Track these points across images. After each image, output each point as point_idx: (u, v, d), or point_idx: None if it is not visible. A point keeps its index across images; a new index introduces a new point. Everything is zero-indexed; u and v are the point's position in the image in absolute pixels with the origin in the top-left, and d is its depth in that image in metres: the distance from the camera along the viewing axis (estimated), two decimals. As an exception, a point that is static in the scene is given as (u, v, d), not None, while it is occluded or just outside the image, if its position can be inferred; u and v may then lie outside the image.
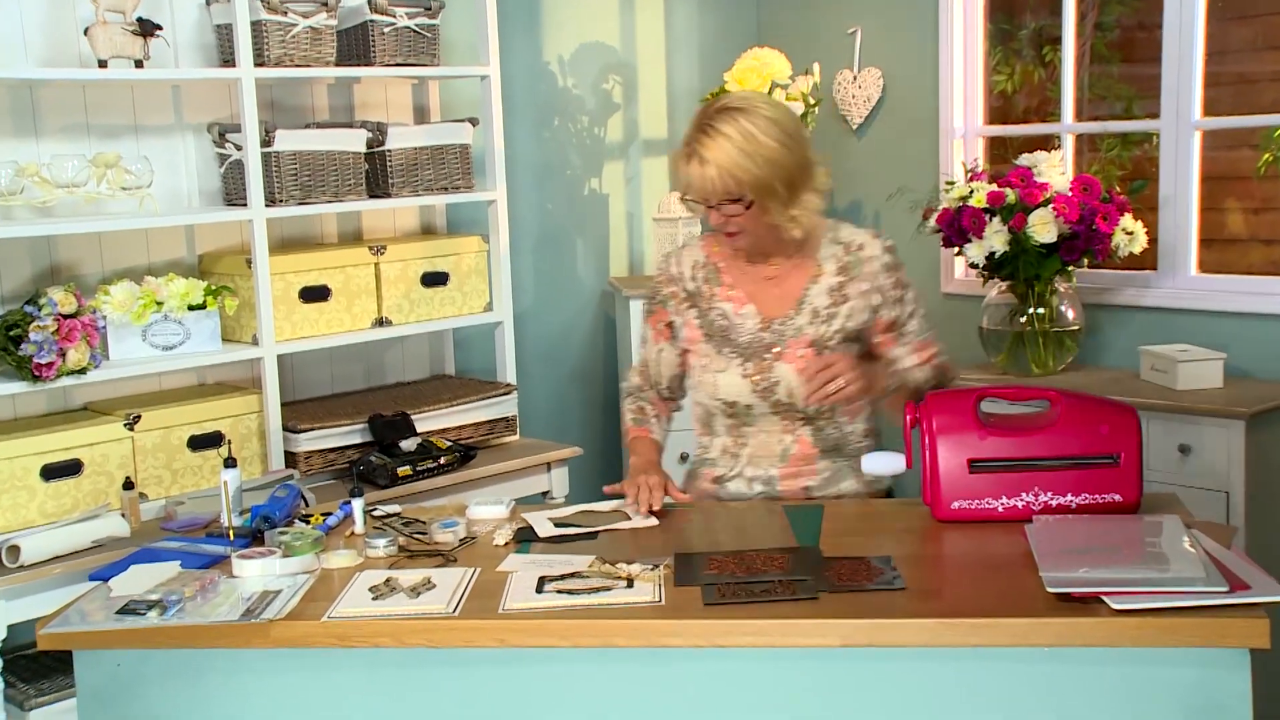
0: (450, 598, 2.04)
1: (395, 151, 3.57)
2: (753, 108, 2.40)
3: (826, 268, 2.54)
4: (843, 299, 2.52)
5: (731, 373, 2.52)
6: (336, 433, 3.40)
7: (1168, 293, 3.92)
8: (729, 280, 2.57)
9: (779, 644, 1.91)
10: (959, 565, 2.17)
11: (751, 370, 2.51)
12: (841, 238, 2.57)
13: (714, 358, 2.55)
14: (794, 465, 2.55)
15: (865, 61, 4.57)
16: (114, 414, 3.17)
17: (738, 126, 2.36)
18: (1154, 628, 1.82)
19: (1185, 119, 3.84)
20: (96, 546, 2.88)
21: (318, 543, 2.27)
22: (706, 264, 2.60)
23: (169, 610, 2.04)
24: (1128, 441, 2.26)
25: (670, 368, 2.67)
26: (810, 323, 2.51)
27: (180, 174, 3.44)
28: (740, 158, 2.36)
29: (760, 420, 2.55)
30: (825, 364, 2.40)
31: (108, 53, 3.10)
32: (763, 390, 2.51)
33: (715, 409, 2.58)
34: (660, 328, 2.65)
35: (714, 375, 2.54)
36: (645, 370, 2.71)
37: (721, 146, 2.36)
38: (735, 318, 2.55)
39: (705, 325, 2.58)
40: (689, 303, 2.60)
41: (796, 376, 2.47)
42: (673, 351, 2.65)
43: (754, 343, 2.53)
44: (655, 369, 2.69)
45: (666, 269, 2.65)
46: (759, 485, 2.56)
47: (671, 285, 2.63)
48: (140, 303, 3.14)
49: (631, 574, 2.10)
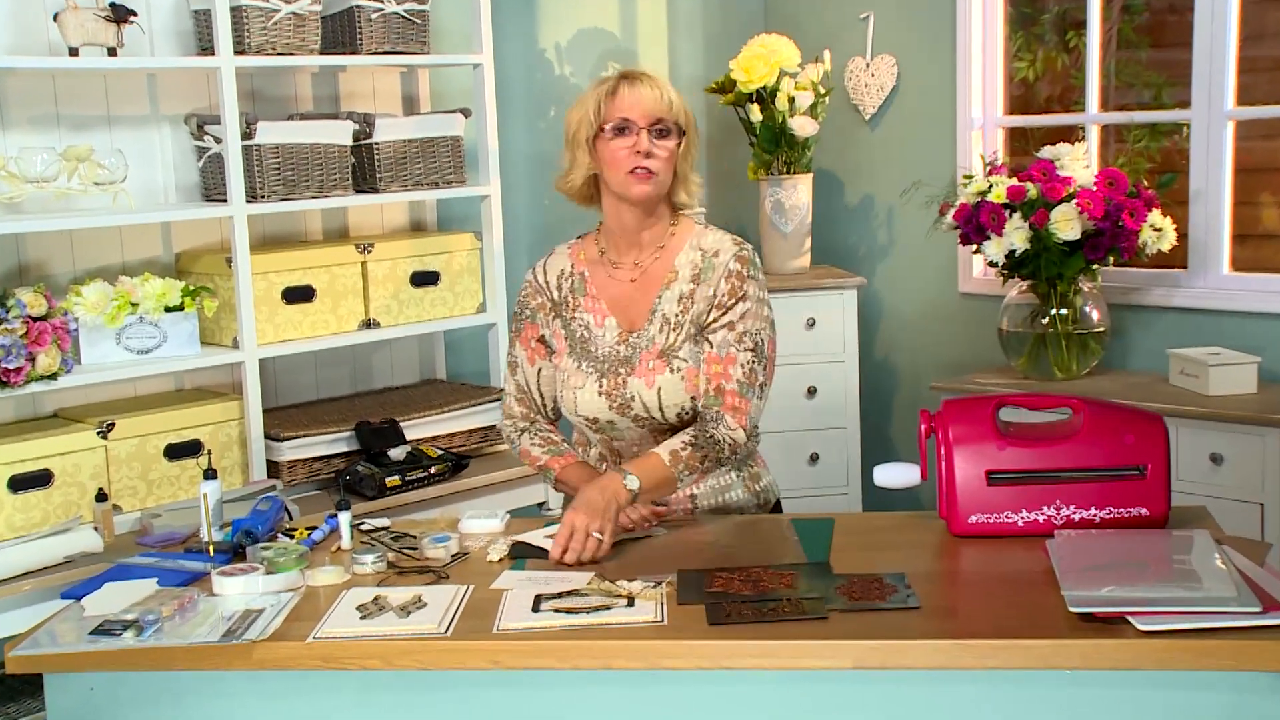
0: (442, 617, 2.05)
1: (383, 144, 3.57)
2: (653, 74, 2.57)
3: (681, 273, 2.56)
4: (690, 304, 2.54)
5: (588, 389, 2.55)
6: (321, 441, 3.41)
7: (1198, 292, 3.92)
8: (593, 291, 2.60)
9: (787, 666, 1.92)
10: (977, 583, 2.18)
11: (607, 386, 2.54)
12: (704, 244, 2.58)
13: (573, 373, 2.57)
14: None
15: (878, 48, 4.57)
16: (86, 421, 3.17)
17: (649, 76, 2.53)
18: (1183, 650, 1.83)
19: (1218, 108, 3.85)
20: (68, 562, 2.88)
21: (302, 559, 2.27)
22: (573, 273, 2.63)
23: (145, 631, 2.04)
24: (1154, 452, 2.27)
25: (554, 386, 2.66)
26: (660, 331, 2.54)
27: (156, 168, 3.44)
28: (669, 87, 2.52)
29: (627, 434, 2.58)
30: (570, 531, 2.30)
31: (79, 40, 3.10)
32: (619, 406, 2.54)
33: (579, 424, 2.62)
34: (533, 345, 2.65)
35: (573, 391, 2.57)
36: (525, 397, 2.67)
37: (657, 77, 2.52)
38: (596, 330, 2.58)
39: (569, 337, 2.60)
40: (555, 313, 2.62)
41: (648, 390, 2.51)
42: (551, 368, 2.65)
43: (610, 357, 2.56)
44: (537, 393, 2.67)
45: (532, 279, 2.66)
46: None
47: (538, 296, 2.64)
48: (114, 304, 3.15)
49: (632, 592, 2.11)
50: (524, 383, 2.67)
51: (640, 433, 2.57)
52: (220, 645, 2.00)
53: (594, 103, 2.49)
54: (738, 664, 1.92)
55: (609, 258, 2.61)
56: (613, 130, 2.48)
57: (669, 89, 2.51)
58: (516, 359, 2.67)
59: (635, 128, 2.47)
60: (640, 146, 2.47)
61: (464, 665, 1.97)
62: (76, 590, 2.31)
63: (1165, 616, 1.86)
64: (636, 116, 2.47)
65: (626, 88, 2.48)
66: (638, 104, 2.47)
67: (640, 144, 2.47)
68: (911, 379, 4.61)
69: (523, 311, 2.66)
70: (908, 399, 4.61)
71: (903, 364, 4.66)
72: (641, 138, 2.47)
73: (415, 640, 1.98)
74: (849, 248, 4.72)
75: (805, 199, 4.36)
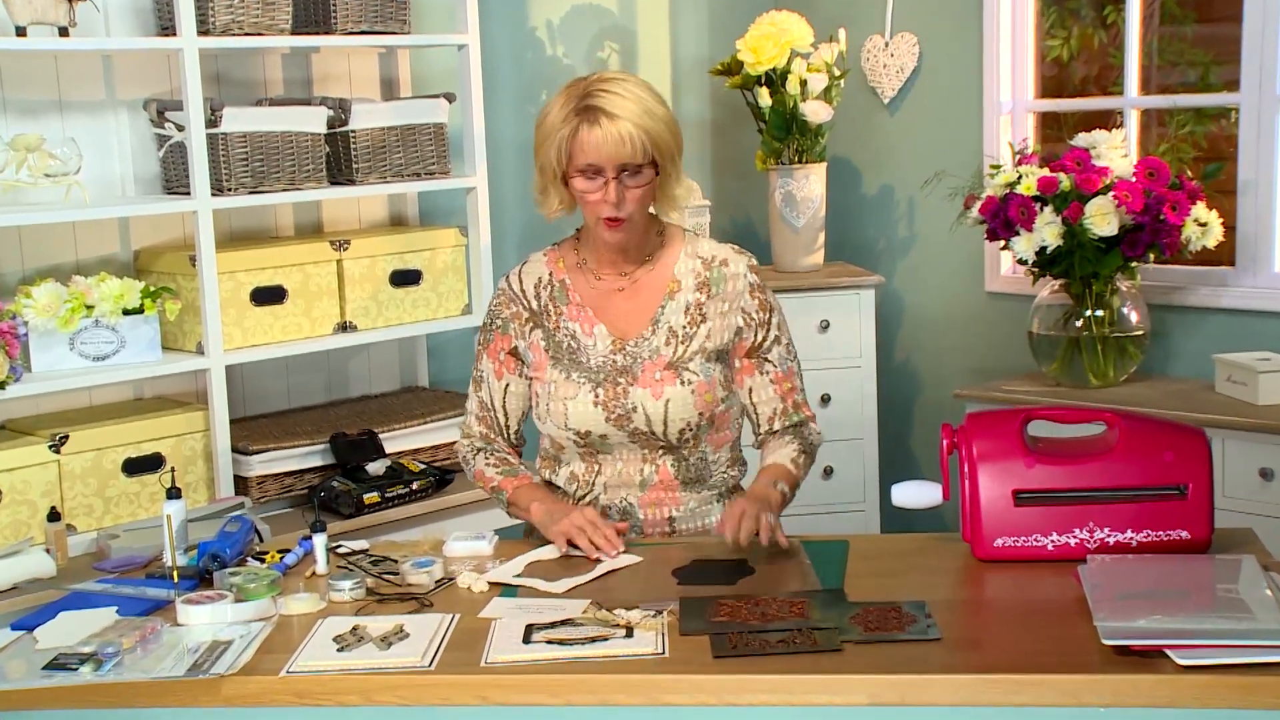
0: (425, 649, 2.07)
1: (360, 132, 3.60)
2: (626, 77, 2.55)
3: (684, 283, 2.61)
4: (701, 318, 2.61)
5: (582, 399, 2.58)
6: (293, 454, 3.43)
7: (1247, 292, 3.94)
8: (577, 299, 2.64)
9: (798, 702, 1.93)
10: (1002, 612, 2.20)
11: (605, 396, 2.57)
12: (701, 251, 2.65)
13: (561, 383, 2.60)
14: (654, 493, 2.63)
15: (898, 26, 4.59)
16: (37, 434, 3.19)
17: (626, 89, 2.50)
18: (1226, 687, 1.85)
19: (1269, 91, 3.87)
20: (16, 589, 2.90)
21: (274, 585, 2.30)
22: (552, 281, 2.67)
23: (105, 664, 2.06)
24: (1196, 470, 2.29)
25: (522, 403, 2.70)
26: (667, 343, 2.59)
27: (113, 158, 3.47)
28: (643, 114, 2.49)
29: (617, 449, 2.62)
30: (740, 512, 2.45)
31: (27, 18, 3.11)
32: (618, 418, 2.57)
33: (565, 439, 2.63)
34: (502, 359, 2.68)
35: (563, 403, 2.60)
36: (488, 416, 2.72)
37: (622, 103, 2.48)
38: (585, 339, 2.62)
39: (552, 347, 2.63)
40: (533, 323, 2.66)
41: (654, 402, 2.55)
42: (521, 384, 2.69)
43: (605, 366, 2.59)
44: (501, 412, 2.71)
45: (506, 288, 2.70)
46: (615, 515, 2.63)
47: (512, 305, 2.68)
48: (67, 306, 3.17)
49: (631, 621, 2.13)
50: (487, 399, 2.71)
51: (632, 450, 2.61)
52: (186, 680, 2.02)
53: (557, 143, 2.50)
54: (744, 700, 1.94)
55: (590, 267, 2.66)
56: (579, 173, 2.51)
57: (633, 122, 2.46)
58: (482, 374, 2.71)
59: (603, 174, 2.49)
60: (608, 197, 2.50)
61: (449, 701, 1.99)
62: (27, 620, 2.32)
63: (1207, 650, 1.88)
64: (601, 161, 2.48)
65: (586, 129, 2.47)
66: (600, 148, 2.47)
67: (608, 194, 2.50)
68: (934, 386, 4.64)
69: (493, 322, 2.70)
70: (930, 408, 4.63)
71: (924, 370, 4.69)
72: (610, 188, 2.49)
73: (397, 674, 2.00)
74: (866, 243, 4.75)
75: (819, 190, 4.38)
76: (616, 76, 2.54)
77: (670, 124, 2.54)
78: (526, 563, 2.47)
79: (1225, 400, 3.68)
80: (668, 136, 2.52)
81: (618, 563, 2.43)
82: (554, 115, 2.51)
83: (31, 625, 2.27)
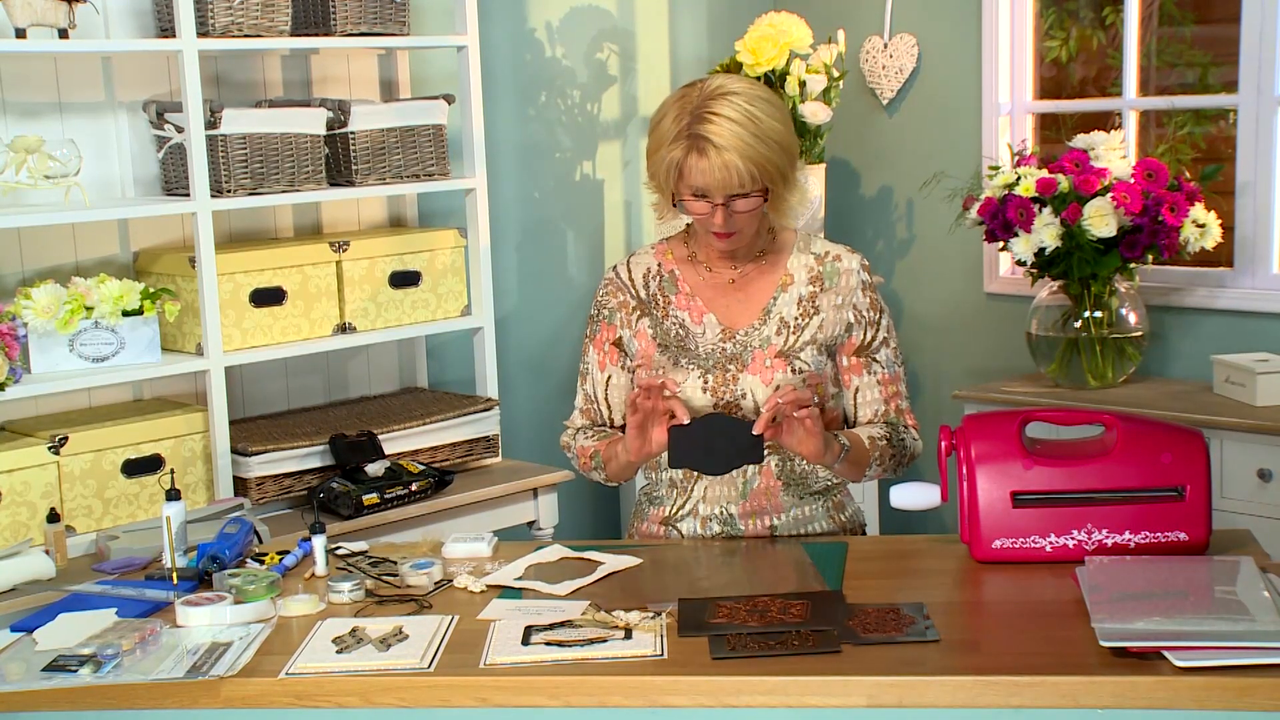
0: (425, 650, 2.08)
1: (359, 134, 3.60)
2: (742, 88, 2.47)
3: (797, 276, 2.61)
4: (814, 310, 2.59)
5: (691, 385, 2.56)
6: (293, 456, 3.43)
7: (1245, 294, 3.95)
8: (687, 289, 2.63)
9: (796, 704, 1.94)
10: (1001, 614, 2.20)
11: (714, 382, 2.56)
12: (814, 248, 2.64)
13: (669, 369, 2.59)
14: (756, 500, 2.59)
15: (897, 27, 4.60)
16: (37, 435, 3.20)
17: (737, 108, 2.44)
18: (1224, 690, 1.85)
19: (1268, 92, 3.88)
20: (15, 591, 2.90)
21: (274, 586, 2.30)
22: (661, 271, 2.66)
23: (104, 666, 2.06)
24: (1194, 471, 2.29)
25: (624, 396, 2.67)
26: (778, 333, 2.58)
27: (112, 160, 3.47)
28: (753, 140, 2.43)
29: None
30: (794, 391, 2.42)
31: (26, 20, 3.12)
32: (725, 405, 2.55)
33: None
34: (606, 349, 2.67)
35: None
36: (591, 409, 2.71)
37: (731, 130, 2.42)
38: (694, 327, 2.61)
39: (660, 335, 2.62)
40: (640, 311, 2.65)
41: (764, 388, 2.53)
42: (624, 376, 2.68)
43: (715, 354, 2.58)
44: (604, 405, 2.69)
45: (614, 277, 2.69)
46: (715, 525, 2.59)
47: (620, 294, 2.67)
48: (67, 308, 3.17)
49: (630, 623, 2.13)
50: (591, 392, 2.70)
51: None
52: (185, 681, 2.02)
53: (667, 164, 2.46)
54: (743, 701, 1.94)
55: (700, 260, 2.64)
56: (689, 192, 2.48)
57: (740, 154, 2.41)
58: (588, 366, 2.70)
59: (712, 199, 2.47)
60: (716, 220, 2.48)
61: (448, 703, 1.99)
62: (27, 622, 2.32)
63: (1205, 652, 1.88)
64: (709, 189, 2.45)
65: (695, 157, 2.43)
66: (706, 177, 2.43)
67: (716, 219, 2.48)
68: (933, 387, 4.64)
69: (600, 312, 2.69)
70: (929, 409, 4.64)
71: (923, 371, 4.69)
72: (717, 214, 2.47)
73: (396, 676, 2.01)
74: (865, 244, 4.75)
75: (817, 191, 4.38)
76: (727, 91, 2.46)
77: (782, 142, 2.47)
78: (526, 565, 2.47)
79: (1223, 401, 3.69)
80: (777, 159, 2.46)
81: (618, 564, 2.43)
82: (666, 127, 2.47)
83: (31, 627, 2.27)
